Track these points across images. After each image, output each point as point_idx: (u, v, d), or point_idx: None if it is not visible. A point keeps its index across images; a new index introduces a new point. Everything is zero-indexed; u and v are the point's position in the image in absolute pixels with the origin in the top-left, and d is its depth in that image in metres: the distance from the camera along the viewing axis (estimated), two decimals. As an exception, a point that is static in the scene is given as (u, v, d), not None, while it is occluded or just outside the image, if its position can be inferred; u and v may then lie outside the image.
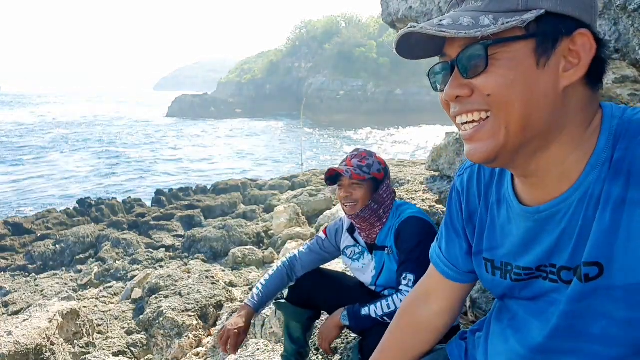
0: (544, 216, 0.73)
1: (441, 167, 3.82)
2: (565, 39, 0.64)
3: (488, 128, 0.68)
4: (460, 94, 0.69)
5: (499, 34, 0.63)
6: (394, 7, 3.16)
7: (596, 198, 0.67)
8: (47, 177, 19.74)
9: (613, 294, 0.67)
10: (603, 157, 0.67)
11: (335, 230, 1.94)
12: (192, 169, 22.71)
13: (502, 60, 0.64)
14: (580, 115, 0.67)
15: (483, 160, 0.71)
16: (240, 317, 1.78)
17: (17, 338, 3.21)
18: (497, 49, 0.64)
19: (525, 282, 0.80)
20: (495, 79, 0.65)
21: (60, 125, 41.18)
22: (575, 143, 0.68)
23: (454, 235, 0.96)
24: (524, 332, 0.81)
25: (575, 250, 0.70)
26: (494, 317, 0.93)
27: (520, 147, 0.68)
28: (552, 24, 0.63)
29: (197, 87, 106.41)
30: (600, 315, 0.69)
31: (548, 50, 0.64)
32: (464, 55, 0.67)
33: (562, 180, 0.70)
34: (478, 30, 0.62)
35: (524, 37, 0.63)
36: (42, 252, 6.93)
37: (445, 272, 0.99)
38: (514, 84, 0.64)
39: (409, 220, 1.67)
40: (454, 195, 0.96)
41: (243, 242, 6.58)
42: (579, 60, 0.64)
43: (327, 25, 57.03)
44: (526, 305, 0.82)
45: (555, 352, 0.76)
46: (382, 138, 32.87)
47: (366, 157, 1.73)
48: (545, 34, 0.63)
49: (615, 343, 0.69)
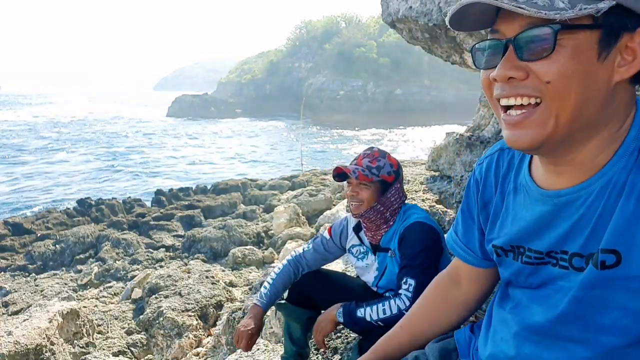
0: (563, 201, 0.73)
1: (441, 167, 3.81)
2: (627, 34, 0.62)
3: (537, 116, 0.65)
4: (515, 76, 0.66)
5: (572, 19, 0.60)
6: (394, 7, 3.16)
7: (620, 186, 0.67)
8: (47, 177, 19.74)
9: (629, 284, 0.66)
10: (632, 147, 0.67)
11: (340, 231, 1.92)
12: (192, 169, 22.71)
13: (567, 48, 0.62)
14: (623, 111, 0.68)
15: (527, 147, 0.69)
16: (252, 317, 1.81)
17: (17, 338, 3.21)
18: (564, 34, 0.62)
19: (534, 267, 0.80)
20: (557, 67, 0.62)
21: (60, 126, 41.19)
22: (613, 137, 0.68)
23: (470, 222, 0.97)
24: (526, 316, 0.81)
25: (590, 237, 0.70)
26: (496, 304, 0.93)
27: (566, 138, 0.67)
28: (620, 17, 0.61)
29: (197, 87, 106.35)
30: (613, 306, 0.69)
31: (610, 44, 0.62)
32: (527, 35, 0.63)
33: (588, 170, 0.70)
34: (557, 13, 0.59)
35: (591, 27, 0.61)
36: (42, 252, 6.93)
37: (463, 257, 1.00)
38: (574, 74, 0.62)
39: (414, 225, 1.64)
40: (472, 183, 0.96)
41: (243, 242, 6.58)
42: (634, 57, 0.63)
43: (327, 25, 57.03)
44: (530, 293, 0.82)
45: (559, 338, 0.76)
46: (382, 138, 32.87)
47: (378, 158, 1.69)
48: (611, 27, 0.62)
49: (625, 334, 0.69)
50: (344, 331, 2.23)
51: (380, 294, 1.81)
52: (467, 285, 1.03)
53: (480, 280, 1.01)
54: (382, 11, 3.49)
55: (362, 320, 1.57)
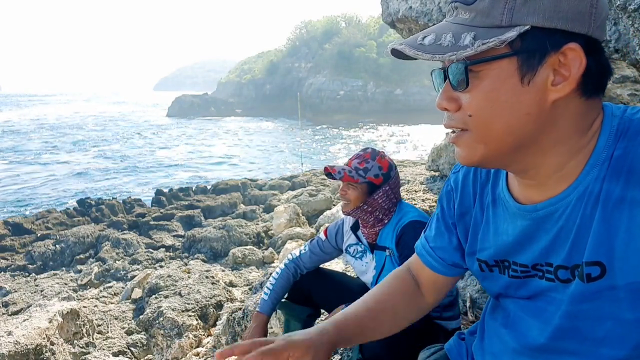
0: (541, 214, 0.73)
1: (441, 167, 3.82)
2: (553, 53, 0.61)
3: (465, 141, 0.69)
4: (448, 107, 0.68)
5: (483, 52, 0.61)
6: (394, 7, 3.16)
7: (595, 196, 0.66)
8: (47, 177, 19.74)
9: (616, 294, 0.66)
10: (603, 156, 0.66)
11: (335, 232, 1.94)
12: (192, 169, 22.71)
13: (486, 80, 0.63)
14: (577, 125, 0.66)
15: (467, 165, 0.71)
16: (257, 326, 1.85)
17: (17, 338, 3.21)
18: (479, 67, 0.63)
19: (522, 280, 0.79)
20: (478, 101, 0.64)
21: (60, 126, 41.19)
22: (574, 150, 0.67)
23: (444, 229, 0.95)
24: (522, 331, 0.80)
25: (573, 249, 0.69)
26: (488, 316, 0.92)
27: (506, 157, 0.68)
28: (538, 39, 0.60)
29: (197, 87, 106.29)
30: (605, 317, 0.68)
31: (533, 67, 0.61)
32: (451, 69, 0.66)
33: (560, 182, 0.69)
34: (453, 54, 0.61)
35: (507, 55, 0.61)
36: (42, 252, 6.93)
37: (430, 264, 0.97)
38: (496, 104, 0.63)
39: (410, 224, 1.66)
40: (447, 191, 0.94)
41: (243, 242, 6.58)
42: (570, 74, 0.61)
43: (327, 25, 57.07)
44: (523, 304, 0.81)
45: (557, 353, 0.75)
46: (382, 138, 32.87)
47: (367, 160, 1.71)
48: (529, 51, 0.61)
49: (621, 345, 0.69)
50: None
51: None
52: (425, 290, 1.00)
53: (437, 287, 0.99)
54: (382, 11, 3.49)
55: None
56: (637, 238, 0.63)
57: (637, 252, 0.63)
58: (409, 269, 1.04)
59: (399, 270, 1.05)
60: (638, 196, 0.62)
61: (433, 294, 1.00)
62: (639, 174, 0.62)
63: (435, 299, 1.01)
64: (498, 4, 0.61)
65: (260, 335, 1.84)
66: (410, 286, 1.01)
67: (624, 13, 1.36)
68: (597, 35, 0.62)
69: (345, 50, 49.57)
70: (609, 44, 1.44)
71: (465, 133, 0.68)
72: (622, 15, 1.37)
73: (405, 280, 1.02)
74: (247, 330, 1.88)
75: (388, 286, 1.01)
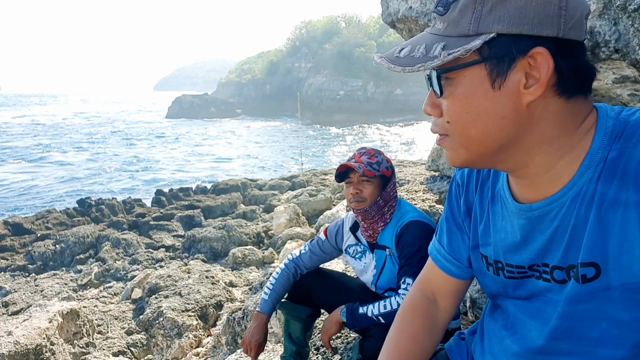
0: (536, 214, 0.73)
1: (441, 167, 3.82)
2: (522, 58, 0.62)
3: (448, 144, 0.71)
4: (432, 114, 0.71)
5: (455, 59, 0.63)
6: (394, 7, 3.16)
7: (589, 197, 0.67)
8: (47, 177, 19.75)
9: (612, 295, 0.66)
10: (597, 158, 0.66)
11: (335, 232, 1.95)
12: (192, 169, 22.71)
13: (459, 87, 0.66)
14: (562, 125, 0.66)
15: (454, 166, 0.74)
16: (257, 326, 1.86)
17: (17, 338, 3.21)
18: (452, 74, 0.65)
19: (519, 280, 0.79)
20: (454, 108, 0.67)
21: (60, 126, 41.19)
22: (564, 150, 0.67)
23: (455, 229, 0.94)
24: (521, 332, 0.80)
25: (568, 249, 0.70)
26: (488, 317, 0.92)
27: (487, 158, 0.70)
28: (505, 46, 0.62)
29: (197, 87, 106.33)
30: (601, 318, 0.69)
31: (503, 72, 0.63)
32: (430, 78, 0.69)
33: (554, 182, 0.70)
34: (422, 65, 0.63)
35: (476, 62, 0.63)
36: (42, 252, 6.93)
37: (447, 268, 0.95)
38: (470, 110, 0.65)
39: (410, 224, 1.67)
40: (454, 188, 0.94)
41: (243, 242, 6.58)
42: (540, 76, 0.62)
43: (327, 25, 57.07)
44: (521, 305, 0.81)
45: (556, 354, 0.75)
46: (382, 138, 32.86)
47: (375, 155, 1.75)
48: (497, 57, 0.63)
49: (617, 345, 0.69)
50: (344, 331, 2.24)
51: (380, 295, 1.82)
52: (443, 302, 0.97)
53: (455, 294, 0.96)
54: (382, 11, 3.49)
55: (363, 317, 1.60)
56: (630, 239, 0.63)
57: (631, 253, 0.63)
58: (419, 290, 1.00)
59: (410, 299, 1.00)
60: (632, 198, 0.63)
61: (450, 301, 0.97)
62: (633, 176, 0.63)
63: (453, 305, 0.98)
64: (466, 13, 0.63)
65: (261, 335, 1.84)
66: (426, 311, 0.97)
67: (624, 13, 1.36)
68: (572, 35, 0.63)
69: (345, 50, 49.56)
70: (609, 44, 1.44)
71: (447, 137, 0.71)
72: (622, 15, 1.37)
73: (419, 307, 0.98)
74: (247, 330, 1.88)
75: (406, 323, 0.97)
